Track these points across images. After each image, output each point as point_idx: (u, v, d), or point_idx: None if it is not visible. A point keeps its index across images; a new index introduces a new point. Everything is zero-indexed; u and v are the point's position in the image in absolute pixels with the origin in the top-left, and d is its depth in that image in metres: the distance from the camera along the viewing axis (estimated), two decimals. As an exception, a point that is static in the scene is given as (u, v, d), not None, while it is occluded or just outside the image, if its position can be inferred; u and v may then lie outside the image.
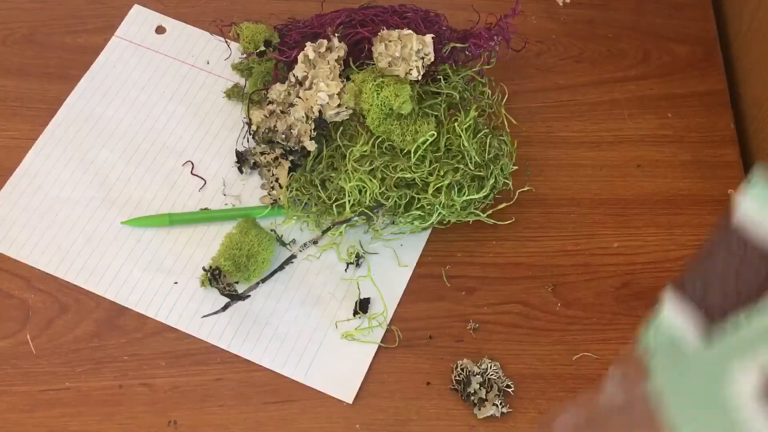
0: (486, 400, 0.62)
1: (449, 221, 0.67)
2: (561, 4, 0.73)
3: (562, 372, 0.65)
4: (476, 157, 0.66)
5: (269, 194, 0.69)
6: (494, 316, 0.67)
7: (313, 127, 0.66)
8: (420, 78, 0.66)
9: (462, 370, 0.64)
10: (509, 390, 0.63)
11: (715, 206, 0.72)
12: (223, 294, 0.66)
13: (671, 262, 0.69)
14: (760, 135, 0.75)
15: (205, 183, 0.71)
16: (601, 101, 0.77)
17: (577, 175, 0.73)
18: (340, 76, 0.67)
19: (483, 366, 0.64)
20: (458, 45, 0.70)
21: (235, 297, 0.66)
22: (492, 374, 0.63)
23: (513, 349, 0.65)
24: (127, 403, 0.63)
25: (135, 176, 0.71)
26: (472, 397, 0.62)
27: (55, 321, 0.65)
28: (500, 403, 0.62)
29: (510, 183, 0.69)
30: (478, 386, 0.63)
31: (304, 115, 0.67)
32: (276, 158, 0.69)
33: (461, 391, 0.63)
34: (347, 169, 0.66)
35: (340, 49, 0.68)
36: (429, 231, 0.69)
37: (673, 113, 0.76)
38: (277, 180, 0.69)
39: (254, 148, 0.71)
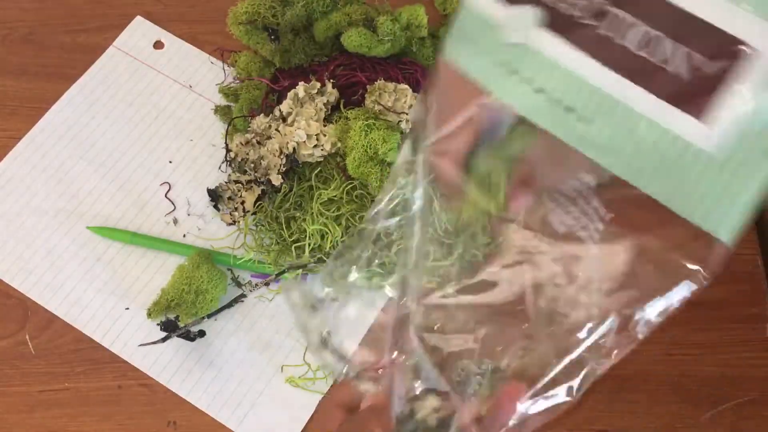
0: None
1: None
2: (561, 4, 0.73)
3: (563, 372, 0.64)
4: (446, 224, 0.65)
5: (230, 214, 0.68)
6: (494, 317, 0.66)
7: (283, 162, 0.65)
8: (408, 131, 0.66)
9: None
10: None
11: (716, 206, 0.71)
12: (163, 328, 0.63)
13: (672, 262, 0.69)
14: (761, 135, 0.74)
15: (174, 208, 0.69)
16: (602, 101, 0.76)
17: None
18: (324, 119, 0.67)
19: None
20: None
21: (174, 330, 0.63)
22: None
23: (513, 350, 0.65)
24: (126, 404, 0.63)
25: (107, 192, 0.70)
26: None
27: (54, 321, 0.65)
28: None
29: (480, 255, 0.67)
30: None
31: (277, 149, 0.66)
32: (249, 181, 0.67)
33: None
34: (313, 212, 0.65)
35: (331, 95, 0.68)
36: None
37: (674, 113, 0.76)
38: (242, 203, 0.67)
39: (226, 182, 0.69)
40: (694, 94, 0.39)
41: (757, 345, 0.66)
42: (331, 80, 0.69)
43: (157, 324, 0.63)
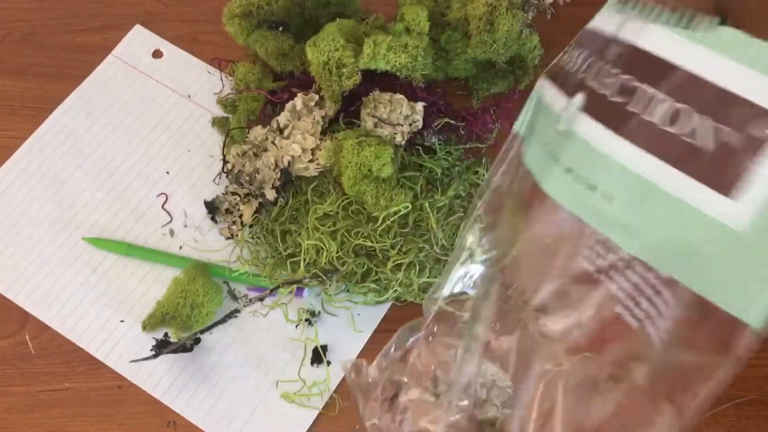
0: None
1: (406, 300, 0.66)
2: (561, 4, 0.73)
3: (563, 372, 0.64)
4: (443, 241, 0.64)
5: (229, 228, 0.68)
6: (494, 317, 0.66)
7: (278, 176, 0.65)
8: (404, 143, 0.65)
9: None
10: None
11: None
12: (155, 346, 0.62)
13: (672, 262, 0.69)
14: (760, 135, 0.74)
15: (171, 220, 0.69)
16: (602, 101, 0.76)
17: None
18: (322, 133, 0.66)
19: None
20: (451, 122, 0.70)
21: (165, 347, 0.62)
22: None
23: (513, 350, 0.65)
24: (126, 404, 0.63)
25: (104, 202, 0.69)
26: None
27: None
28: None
29: None
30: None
31: (273, 162, 0.65)
32: (247, 194, 0.67)
33: (461, 391, 0.63)
34: (308, 226, 0.64)
35: (330, 108, 0.67)
36: (388, 304, 0.67)
37: (674, 113, 0.76)
38: (240, 216, 0.67)
39: (224, 194, 0.68)
40: (721, 169, 0.35)
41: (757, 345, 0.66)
42: None
43: (154, 339, 0.62)
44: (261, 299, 0.65)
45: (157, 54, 0.77)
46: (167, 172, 0.71)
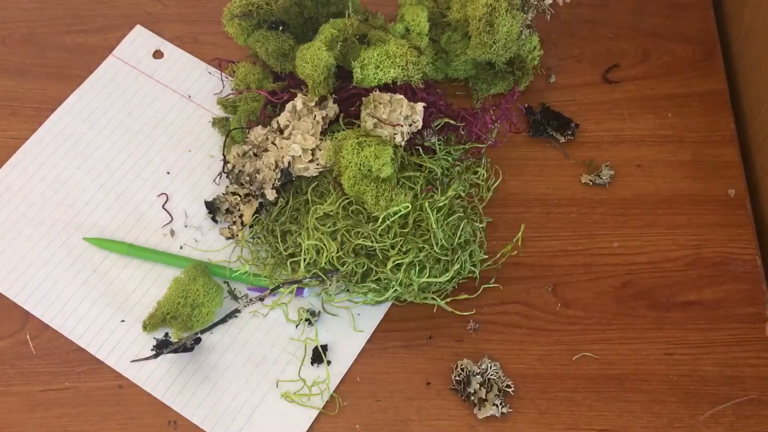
0: (486, 400, 0.62)
1: (405, 300, 0.66)
2: (561, 4, 0.73)
3: (562, 372, 0.65)
4: (443, 240, 0.64)
5: (229, 228, 0.68)
6: (494, 316, 0.67)
7: (278, 176, 0.65)
8: (404, 143, 0.65)
9: (462, 370, 0.64)
10: (509, 390, 0.63)
11: (715, 206, 0.71)
12: (155, 345, 0.62)
13: (671, 262, 0.69)
14: (760, 135, 0.74)
15: (171, 220, 0.69)
16: (601, 101, 0.77)
17: (578, 175, 0.73)
18: (322, 133, 0.66)
19: (483, 366, 0.64)
20: (452, 122, 0.70)
21: (166, 347, 0.62)
22: (492, 374, 0.63)
23: (513, 349, 0.65)
24: (127, 403, 0.63)
25: (104, 203, 0.69)
26: (472, 397, 0.62)
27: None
28: (500, 403, 0.62)
29: (477, 271, 0.67)
30: (478, 386, 0.63)
31: (273, 162, 0.65)
32: (247, 194, 0.67)
33: (461, 391, 0.63)
34: (308, 226, 0.64)
35: (331, 109, 0.67)
36: (388, 304, 0.67)
37: (673, 113, 0.76)
38: (241, 216, 0.67)
39: (224, 194, 0.68)
40: None
41: (756, 345, 0.66)
42: (333, 95, 0.69)
43: (154, 339, 0.62)
44: (261, 299, 0.65)
45: (157, 54, 0.77)
46: (167, 173, 0.71)
